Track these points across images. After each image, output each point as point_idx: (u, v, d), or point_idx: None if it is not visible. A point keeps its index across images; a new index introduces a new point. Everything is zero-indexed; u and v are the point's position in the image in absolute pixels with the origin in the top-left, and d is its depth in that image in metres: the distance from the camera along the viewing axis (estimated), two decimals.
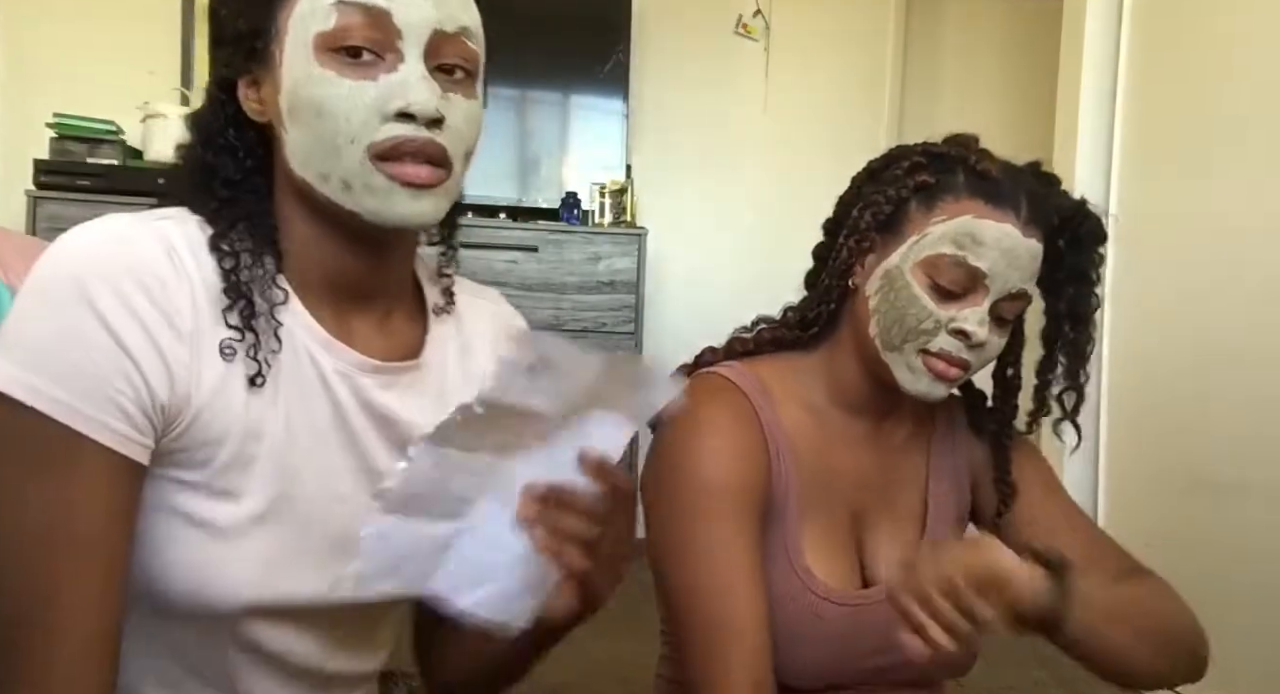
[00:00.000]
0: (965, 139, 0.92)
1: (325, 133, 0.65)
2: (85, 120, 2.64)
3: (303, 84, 0.66)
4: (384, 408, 0.73)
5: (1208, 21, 2.08)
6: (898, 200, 0.89)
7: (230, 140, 0.71)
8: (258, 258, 0.68)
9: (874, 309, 0.89)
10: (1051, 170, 0.94)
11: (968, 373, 0.89)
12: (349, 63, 0.65)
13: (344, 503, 0.71)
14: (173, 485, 0.65)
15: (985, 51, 3.55)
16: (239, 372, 0.66)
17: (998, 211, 0.85)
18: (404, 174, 0.66)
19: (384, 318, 0.76)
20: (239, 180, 0.70)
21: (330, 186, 0.67)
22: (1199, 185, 2.04)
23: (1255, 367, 1.87)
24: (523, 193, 3.13)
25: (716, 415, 0.89)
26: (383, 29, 0.65)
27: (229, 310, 0.65)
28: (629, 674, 2.09)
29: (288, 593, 0.69)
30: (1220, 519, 1.91)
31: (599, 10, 3.13)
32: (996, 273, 0.85)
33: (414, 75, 0.66)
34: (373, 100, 0.65)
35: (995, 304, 0.86)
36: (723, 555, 0.85)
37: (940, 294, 0.86)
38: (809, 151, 3.39)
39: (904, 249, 0.88)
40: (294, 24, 0.66)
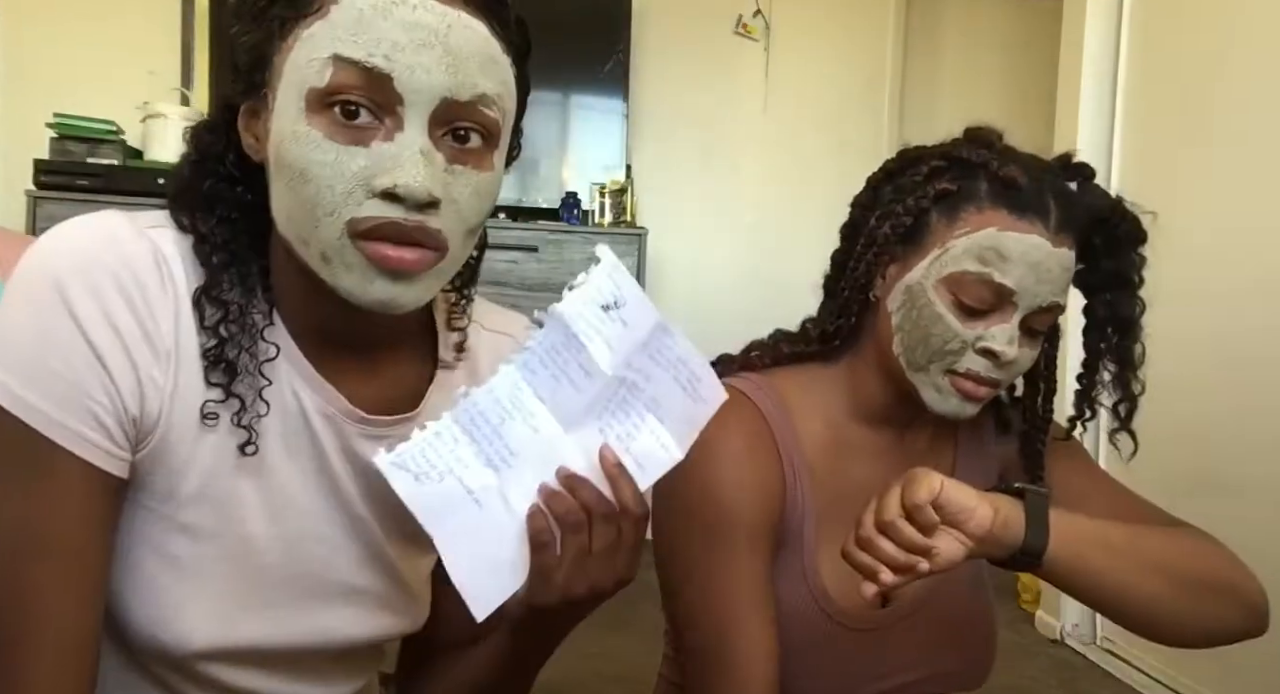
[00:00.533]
0: (988, 136, 0.86)
1: (306, 199, 0.57)
2: (85, 120, 2.64)
3: (289, 140, 0.57)
4: (367, 459, 0.65)
5: (1207, 21, 2.08)
6: (917, 210, 0.83)
7: (231, 168, 0.65)
8: (247, 306, 0.63)
9: (897, 327, 0.85)
10: (1085, 162, 0.87)
11: (998, 389, 0.85)
12: (340, 124, 0.57)
13: (320, 544, 0.68)
14: (141, 511, 0.63)
15: (985, 51, 3.55)
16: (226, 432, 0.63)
17: (1024, 221, 0.79)
18: (384, 257, 0.57)
19: (375, 366, 0.69)
20: (236, 218, 0.64)
21: (309, 254, 0.59)
22: (1199, 185, 2.04)
23: (1256, 367, 1.86)
24: (523, 193, 3.13)
25: (731, 439, 0.85)
26: (383, 92, 0.57)
27: (210, 370, 0.61)
28: (627, 672, 2.09)
29: (246, 638, 0.66)
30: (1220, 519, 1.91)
31: (599, 10, 3.13)
32: (1025, 289, 0.79)
33: (411, 150, 0.57)
34: (360, 171, 0.57)
35: (1025, 318, 0.81)
36: (729, 588, 0.82)
37: (965, 312, 0.81)
38: (809, 151, 3.39)
39: (925, 264, 0.83)
40: (289, 70, 0.58)
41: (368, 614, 0.71)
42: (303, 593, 0.68)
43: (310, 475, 0.67)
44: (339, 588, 0.69)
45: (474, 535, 0.60)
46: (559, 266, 2.93)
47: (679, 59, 3.33)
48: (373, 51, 0.56)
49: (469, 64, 0.58)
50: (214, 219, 0.63)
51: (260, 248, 0.66)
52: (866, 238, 0.87)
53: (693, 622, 0.84)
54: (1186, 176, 2.08)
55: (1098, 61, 2.37)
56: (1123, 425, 0.89)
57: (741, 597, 0.82)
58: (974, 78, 3.52)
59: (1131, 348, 0.87)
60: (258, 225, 0.65)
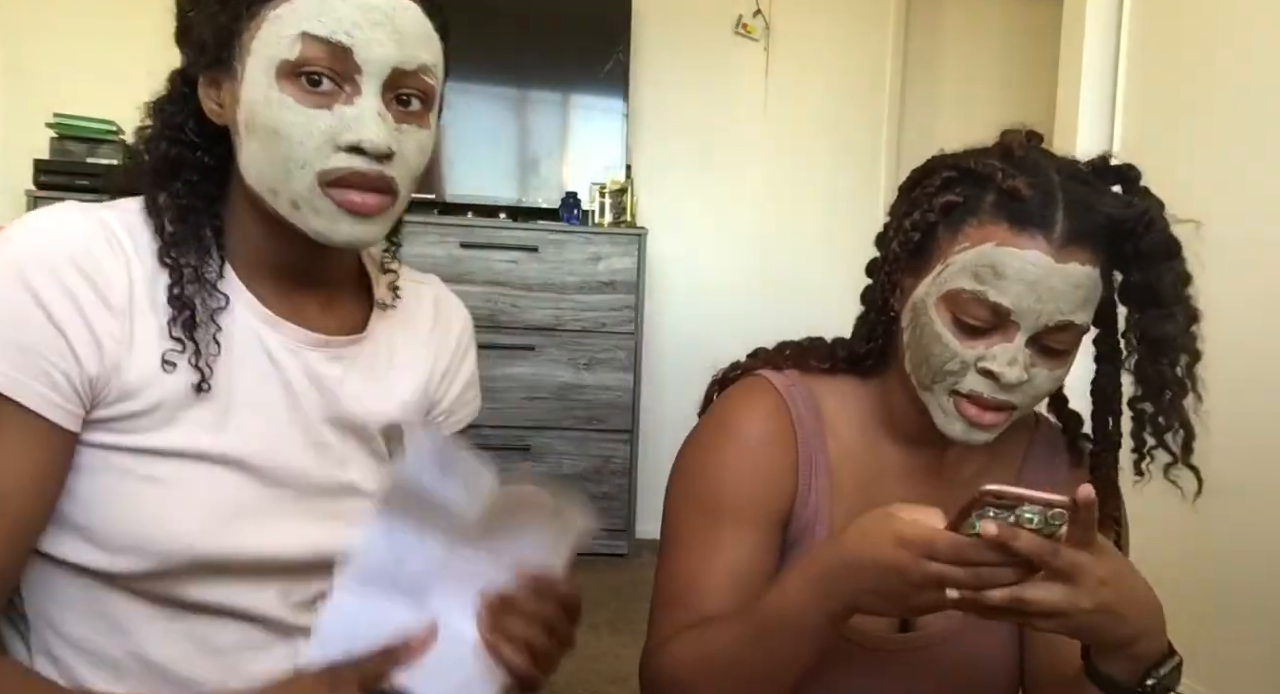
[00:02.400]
0: (1010, 143, 0.81)
1: (278, 154, 0.68)
2: (85, 120, 2.64)
3: (261, 105, 0.68)
4: (331, 380, 0.76)
5: (1208, 21, 2.08)
6: (925, 225, 0.80)
7: (190, 135, 0.73)
8: (200, 268, 0.71)
9: (906, 345, 0.82)
10: (1127, 163, 0.82)
11: (1012, 415, 0.79)
12: (307, 90, 0.67)
13: (293, 464, 0.74)
14: (118, 452, 0.68)
15: (985, 51, 3.55)
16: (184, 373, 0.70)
17: (1024, 236, 0.75)
18: (350, 202, 0.69)
19: (329, 301, 0.79)
20: (198, 181, 0.73)
21: (279, 202, 0.70)
22: (1199, 185, 2.04)
23: (1256, 367, 1.86)
24: (523, 193, 3.13)
25: (747, 426, 0.86)
26: (343, 63, 0.68)
27: (173, 323, 0.69)
28: (627, 672, 2.09)
29: (236, 547, 0.70)
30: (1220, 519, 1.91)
31: (599, 10, 3.13)
32: (1023, 308, 0.75)
33: (369, 111, 0.68)
34: (327, 129, 0.67)
35: (1036, 337, 0.76)
36: (708, 555, 0.84)
37: (965, 331, 0.77)
38: (809, 151, 3.39)
39: (929, 280, 0.80)
40: (259, 46, 0.68)
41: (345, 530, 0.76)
42: (285, 508, 0.73)
43: (279, 404, 0.74)
44: (318, 505, 0.75)
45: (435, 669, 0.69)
46: (559, 266, 2.94)
47: (679, 59, 3.33)
48: (335, 29, 0.67)
49: (412, 39, 0.70)
50: (179, 183, 0.72)
51: (212, 209, 0.75)
52: (884, 253, 0.85)
53: (665, 578, 0.87)
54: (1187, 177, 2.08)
55: (1098, 61, 2.37)
56: (1180, 459, 0.80)
57: (718, 563, 0.83)
58: (974, 78, 3.52)
59: (1168, 372, 0.78)
60: (212, 187, 0.74)
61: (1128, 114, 2.33)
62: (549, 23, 3.12)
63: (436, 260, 2.86)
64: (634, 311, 2.95)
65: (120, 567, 0.68)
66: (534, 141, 3.17)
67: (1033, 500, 0.62)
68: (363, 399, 0.78)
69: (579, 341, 2.95)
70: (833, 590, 0.72)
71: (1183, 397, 0.79)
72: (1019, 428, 0.94)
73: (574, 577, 0.76)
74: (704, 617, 0.82)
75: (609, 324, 2.95)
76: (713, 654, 0.80)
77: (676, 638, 0.83)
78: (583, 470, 2.97)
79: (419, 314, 0.87)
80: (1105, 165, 0.82)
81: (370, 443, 0.80)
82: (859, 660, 0.86)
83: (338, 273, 0.80)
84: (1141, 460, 0.82)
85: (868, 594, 0.70)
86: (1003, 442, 0.90)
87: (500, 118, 3.16)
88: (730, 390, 0.92)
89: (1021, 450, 0.94)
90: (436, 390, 0.87)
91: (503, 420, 2.89)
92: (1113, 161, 0.83)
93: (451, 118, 3.09)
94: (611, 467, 2.98)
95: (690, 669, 0.81)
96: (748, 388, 0.91)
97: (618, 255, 2.95)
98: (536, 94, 3.20)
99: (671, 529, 0.89)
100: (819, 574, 0.73)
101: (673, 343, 3.25)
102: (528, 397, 2.92)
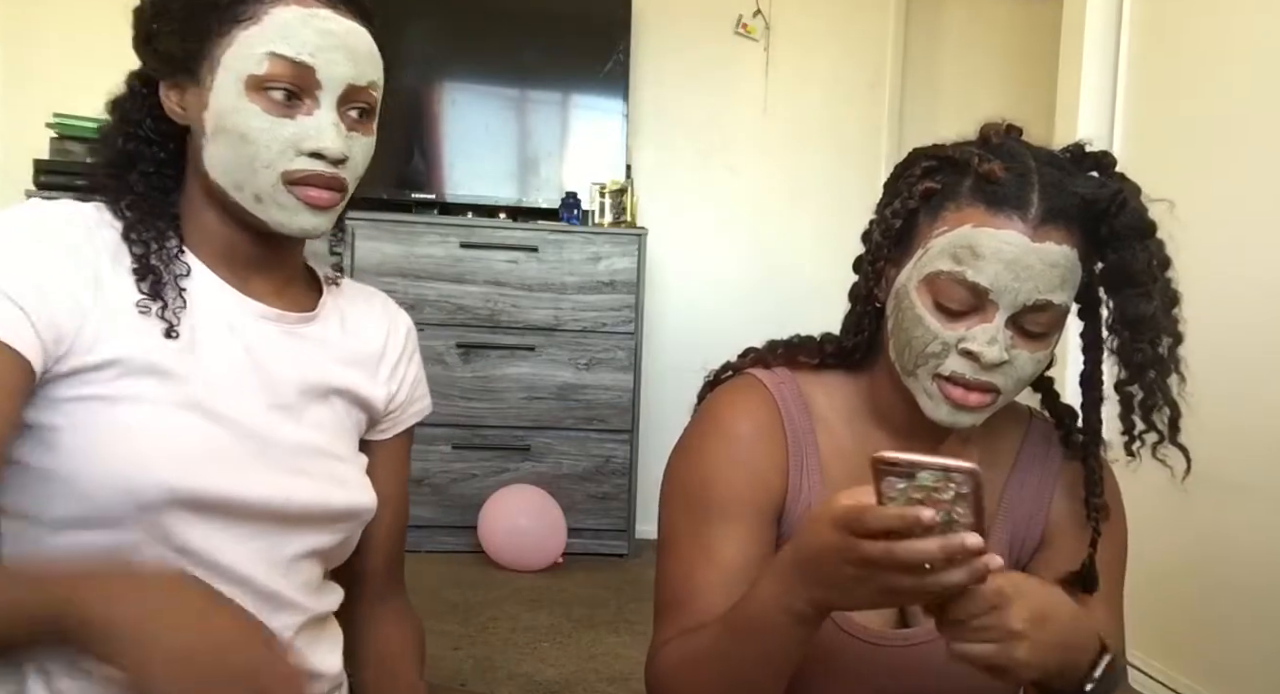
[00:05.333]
0: (987, 133, 0.83)
1: (246, 155, 0.77)
2: (85, 120, 2.64)
3: (230, 112, 0.77)
4: (287, 349, 0.84)
5: (1208, 22, 2.08)
6: (905, 212, 0.82)
7: (148, 132, 0.82)
8: (162, 244, 0.79)
9: (890, 332, 0.84)
10: (1101, 150, 0.83)
11: (999, 396, 0.80)
12: (273, 101, 0.77)
13: (258, 420, 0.80)
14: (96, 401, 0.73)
15: (985, 51, 3.55)
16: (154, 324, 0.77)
17: (999, 217, 0.77)
18: (309, 197, 0.79)
19: (282, 286, 0.87)
20: (152, 172, 0.82)
21: (243, 196, 0.79)
22: (1199, 185, 2.04)
23: (1256, 366, 1.86)
24: (523, 193, 3.13)
25: (736, 423, 0.86)
26: (306, 80, 0.77)
27: (141, 281, 0.76)
28: (627, 672, 2.09)
29: (213, 487, 0.75)
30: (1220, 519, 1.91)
31: (599, 10, 3.13)
32: (1001, 287, 0.76)
33: (327, 121, 0.78)
34: (290, 136, 0.77)
35: (1015, 318, 0.78)
36: (701, 552, 0.84)
37: (946, 313, 0.79)
38: (809, 151, 3.39)
39: (910, 266, 0.82)
40: (229, 60, 0.77)
41: (316, 485, 0.82)
42: (254, 460, 0.79)
43: (242, 364, 0.81)
44: (285, 460, 0.81)
45: None
46: (559, 266, 2.94)
47: (679, 59, 3.33)
48: (300, 50, 0.77)
49: (363, 59, 0.81)
50: (135, 173, 0.81)
51: (169, 199, 0.83)
52: (867, 245, 0.87)
53: (662, 581, 0.87)
54: (1187, 176, 2.08)
55: (1098, 61, 2.37)
56: (1167, 438, 0.82)
57: (712, 561, 0.83)
58: (974, 78, 3.52)
59: (1148, 351, 0.80)
60: (168, 179, 0.83)
61: (1128, 114, 2.33)
62: (549, 23, 3.12)
63: (437, 260, 2.86)
64: (634, 312, 2.95)
65: (105, 511, 0.71)
66: (534, 141, 3.17)
67: (928, 466, 0.62)
68: (319, 365, 0.86)
69: (579, 342, 2.95)
70: (792, 586, 0.70)
71: (1166, 375, 0.81)
72: (1012, 422, 0.95)
73: None
74: (700, 617, 0.82)
75: (609, 324, 2.95)
76: (697, 657, 0.80)
77: (671, 640, 0.83)
78: (583, 470, 2.97)
79: (369, 307, 0.96)
80: (1081, 152, 0.84)
81: (330, 406, 0.87)
82: (857, 657, 0.86)
83: (288, 261, 0.88)
84: (1131, 443, 0.83)
85: (824, 586, 0.68)
86: (996, 437, 0.92)
87: (500, 118, 3.16)
88: (719, 390, 0.93)
89: (1016, 445, 0.94)
90: (390, 378, 0.94)
91: (503, 420, 2.89)
92: (1088, 148, 0.84)
93: (451, 118, 3.09)
94: (611, 467, 2.98)
95: (678, 671, 0.82)
96: (737, 387, 0.91)
97: (618, 255, 2.95)
98: (536, 94, 3.20)
99: (666, 531, 0.89)
100: (780, 571, 0.72)
101: (673, 343, 3.25)
102: (528, 397, 2.92)
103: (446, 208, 3.04)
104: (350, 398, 0.89)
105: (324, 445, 0.85)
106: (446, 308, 2.87)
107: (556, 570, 2.82)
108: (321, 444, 0.85)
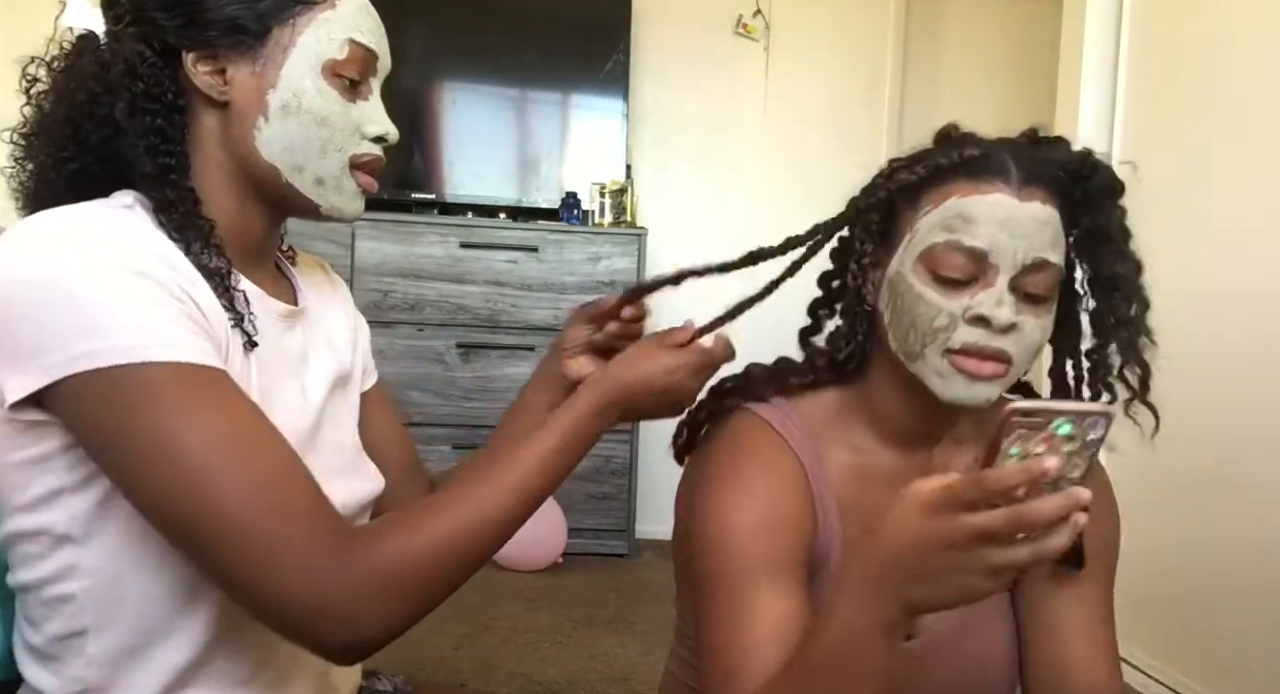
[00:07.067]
0: (945, 131, 0.86)
1: (319, 139, 0.77)
2: None
3: (307, 93, 0.76)
4: (303, 347, 0.83)
5: (1208, 20, 2.08)
6: (884, 207, 0.83)
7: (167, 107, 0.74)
8: (197, 234, 0.73)
9: (888, 323, 0.83)
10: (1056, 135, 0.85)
11: (1011, 367, 0.79)
12: (346, 87, 0.78)
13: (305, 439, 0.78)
14: None
15: (985, 51, 3.55)
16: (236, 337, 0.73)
17: (984, 183, 0.78)
18: (365, 183, 0.82)
19: (275, 275, 0.86)
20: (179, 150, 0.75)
21: (301, 178, 0.78)
22: (1199, 185, 2.04)
23: (1256, 366, 1.86)
24: (523, 193, 3.13)
25: (759, 478, 0.83)
26: (370, 67, 0.80)
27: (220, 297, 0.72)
28: (627, 672, 2.09)
29: None
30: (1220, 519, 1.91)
31: (599, 10, 3.13)
32: (999, 247, 0.76)
33: (380, 107, 0.82)
34: (356, 120, 0.79)
35: (1015, 281, 0.77)
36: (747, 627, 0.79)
37: (946, 285, 0.78)
38: (809, 151, 3.39)
39: (900, 251, 0.82)
40: (307, 40, 0.76)
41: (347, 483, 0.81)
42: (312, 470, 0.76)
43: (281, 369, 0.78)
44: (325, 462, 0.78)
45: None
46: (559, 266, 2.94)
47: (679, 59, 3.33)
48: (371, 38, 0.80)
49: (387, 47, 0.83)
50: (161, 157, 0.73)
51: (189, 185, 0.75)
52: (849, 254, 0.87)
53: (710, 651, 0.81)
54: (1187, 175, 2.08)
55: (1098, 61, 2.37)
56: (1138, 396, 0.82)
57: (763, 624, 0.78)
58: (974, 78, 3.52)
59: (1125, 308, 0.81)
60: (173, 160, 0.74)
61: (1128, 114, 2.33)
62: (549, 23, 3.12)
63: (437, 260, 2.86)
64: None
65: None
66: (534, 141, 3.17)
67: (1064, 412, 0.58)
68: (326, 356, 0.86)
69: None
70: (879, 597, 0.64)
71: (1138, 336, 0.81)
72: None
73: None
74: (759, 677, 0.75)
75: None
76: None
77: None
78: (583, 470, 2.97)
79: (316, 275, 0.95)
80: (1037, 136, 0.85)
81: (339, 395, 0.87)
82: None
83: (274, 248, 0.87)
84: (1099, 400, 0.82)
85: (915, 584, 0.62)
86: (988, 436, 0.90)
87: (500, 118, 3.16)
88: (724, 436, 0.89)
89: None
90: (356, 338, 0.94)
91: None
92: (1041, 132, 0.85)
93: (451, 117, 3.09)
94: (611, 467, 2.98)
95: None
96: (742, 431, 0.87)
97: (618, 255, 2.95)
98: (536, 94, 3.20)
99: (705, 599, 0.83)
100: (854, 588, 0.66)
101: None
102: None
103: (446, 208, 3.04)
104: (347, 380, 0.89)
105: (341, 438, 0.85)
106: (446, 308, 2.87)
107: (556, 570, 2.82)
108: (340, 437, 0.85)
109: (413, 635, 0.86)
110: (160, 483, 0.63)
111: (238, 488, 0.63)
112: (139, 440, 0.63)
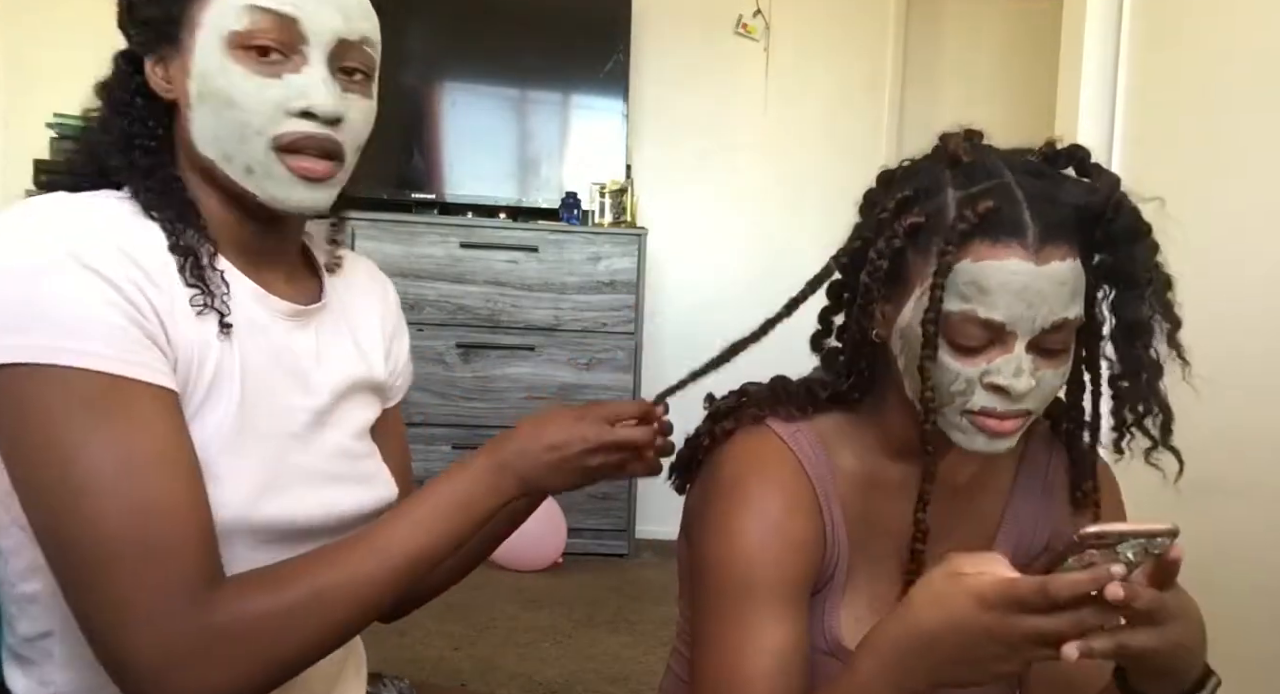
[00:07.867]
0: (952, 149, 0.78)
1: (233, 122, 0.71)
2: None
3: (213, 74, 0.71)
4: (312, 350, 0.80)
5: (1208, 22, 2.08)
6: (891, 252, 0.78)
7: (139, 110, 0.75)
8: (183, 221, 0.72)
9: (903, 371, 0.80)
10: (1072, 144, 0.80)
11: (1029, 418, 0.77)
12: (257, 61, 0.71)
13: (296, 439, 0.76)
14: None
15: (985, 51, 3.55)
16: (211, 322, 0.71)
17: (998, 246, 0.72)
18: (302, 168, 0.73)
19: (289, 274, 0.82)
20: (154, 147, 0.74)
21: (232, 168, 0.73)
22: (1200, 183, 2.04)
23: (1256, 366, 1.86)
24: (523, 193, 3.13)
25: (770, 498, 0.81)
26: (290, 33, 0.71)
27: (181, 270, 0.70)
28: (627, 672, 2.09)
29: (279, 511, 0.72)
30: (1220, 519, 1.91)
31: (599, 10, 3.13)
32: (1015, 317, 0.73)
33: (316, 78, 0.72)
34: (277, 97, 0.71)
35: (1035, 341, 0.74)
36: (750, 639, 0.78)
37: (962, 351, 0.75)
38: (809, 151, 3.39)
39: (911, 305, 0.77)
40: (207, 18, 0.71)
41: (350, 491, 0.80)
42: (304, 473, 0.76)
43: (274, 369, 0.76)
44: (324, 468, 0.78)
45: None
46: (559, 266, 2.94)
47: (679, 59, 3.33)
48: (282, 1, 0.71)
49: (355, 12, 0.75)
50: (138, 151, 0.74)
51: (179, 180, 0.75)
52: (852, 292, 0.84)
53: (702, 674, 0.80)
54: (1188, 175, 2.08)
55: (1098, 62, 2.37)
56: (1160, 441, 0.81)
57: (763, 647, 0.77)
58: (974, 78, 3.52)
59: (1142, 354, 0.78)
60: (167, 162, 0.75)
61: (1128, 114, 2.33)
62: (549, 23, 3.12)
63: (437, 260, 2.86)
64: (634, 312, 2.95)
65: None
66: (534, 141, 3.17)
67: (1135, 534, 0.61)
68: (341, 360, 0.83)
69: (579, 342, 2.95)
70: (908, 667, 0.66)
71: (1158, 378, 0.79)
72: None
73: None
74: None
75: (609, 324, 2.95)
76: None
77: None
78: None
79: (358, 279, 0.91)
80: (1055, 152, 0.80)
81: (353, 401, 0.84)
82: None
83: (291, 246, 0.83)
84: (1121, 438, 0.82)
85: (951, 665, 0.64)
86: None
87: (500, 118, 3.16)
88: (736, 452, 0.86)
89: (1018, 451, 0.92)
90: (390, 348, 0.91)
91: (503, 420, 2.88)
92: (1059, 145, 0.80)
93: (451, 118, 3.09)
94: None
95: None
96: (755, 448, 0.85)
97: (618, 255, 2.95)
98: (536, 94, 3.20)
99: (704, 619, 0.81)
100: (892, 654, 0.67)
101: (672, 343, 3.25)
102: (528, 397, 2.91)
103: (446, 208, 3.04)
104: (368, 386, 0.86)
105: (351, 445, 0.83)
106: (446, 308, 2.87)
107: (556, 570, 2.82)
108: (349, 444, 0.82)
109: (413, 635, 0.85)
110: (43, 492, 0.62)
111: (116, 513, 0.61)
112: (33, 444, 0.61)
